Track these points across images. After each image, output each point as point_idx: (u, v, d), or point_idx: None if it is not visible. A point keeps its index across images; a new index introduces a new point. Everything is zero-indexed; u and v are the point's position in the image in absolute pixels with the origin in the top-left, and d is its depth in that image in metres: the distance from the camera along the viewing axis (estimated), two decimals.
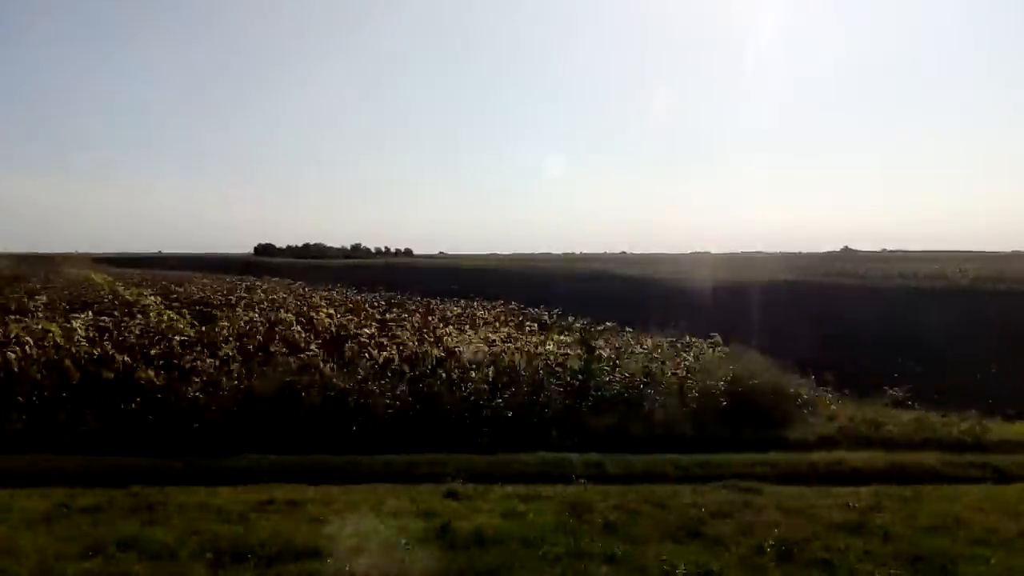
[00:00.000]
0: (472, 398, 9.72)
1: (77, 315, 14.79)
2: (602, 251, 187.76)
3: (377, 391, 9.54)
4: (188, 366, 10.22)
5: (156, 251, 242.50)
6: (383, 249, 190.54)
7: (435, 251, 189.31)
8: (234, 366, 10.45)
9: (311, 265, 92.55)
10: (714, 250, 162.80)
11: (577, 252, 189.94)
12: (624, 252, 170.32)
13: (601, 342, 12.67)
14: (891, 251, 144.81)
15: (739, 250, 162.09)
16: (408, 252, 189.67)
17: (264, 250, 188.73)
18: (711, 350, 12.64)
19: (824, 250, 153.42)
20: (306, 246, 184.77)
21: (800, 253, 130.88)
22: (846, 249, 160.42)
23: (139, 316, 16.16)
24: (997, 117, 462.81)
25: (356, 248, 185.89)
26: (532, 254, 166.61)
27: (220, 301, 23.48)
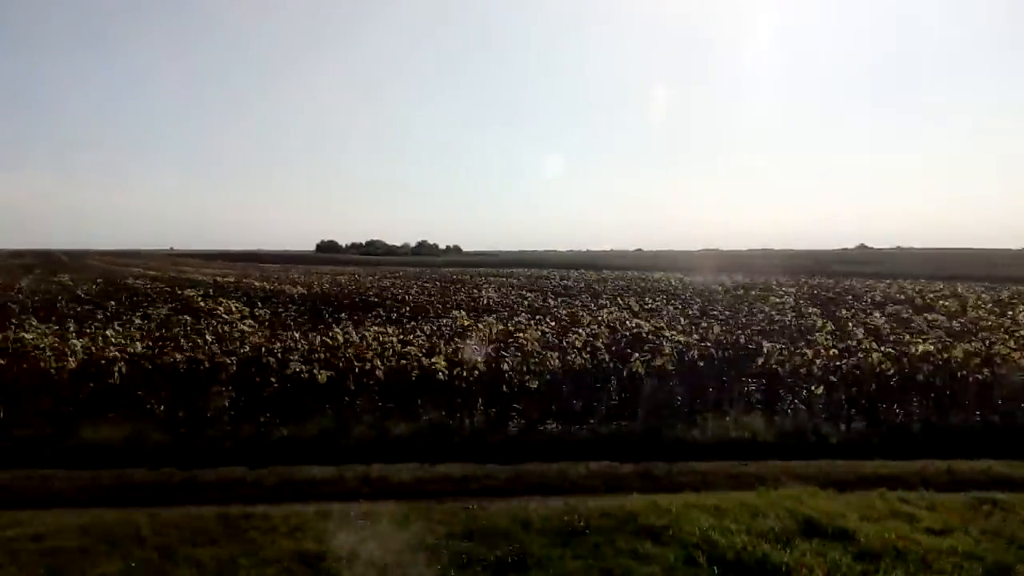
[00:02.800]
0: None
1: None
2: (609, 248, 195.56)
3: None
4: None
5: (168, 247, 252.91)
6: (434, 245, 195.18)
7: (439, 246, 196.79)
8: None
9: (452, 262, 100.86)
10: (722, 247, 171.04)
11: (584, 249, 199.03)
12: (640, 249, 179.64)
13: None
14: (904, 248, 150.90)
15: (746, 247, 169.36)
16: (457, 249, 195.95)
17: (328, 247, 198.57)
18: None
19: (838, 247, 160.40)
20: (370, 243, 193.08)
21: (814, 250, 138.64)
22: (861, 246, 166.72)
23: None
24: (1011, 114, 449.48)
25: (422, 245, 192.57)
26: (539, 251, 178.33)
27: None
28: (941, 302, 24.81)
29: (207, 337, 12.60)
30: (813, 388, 11.13)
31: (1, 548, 6.04)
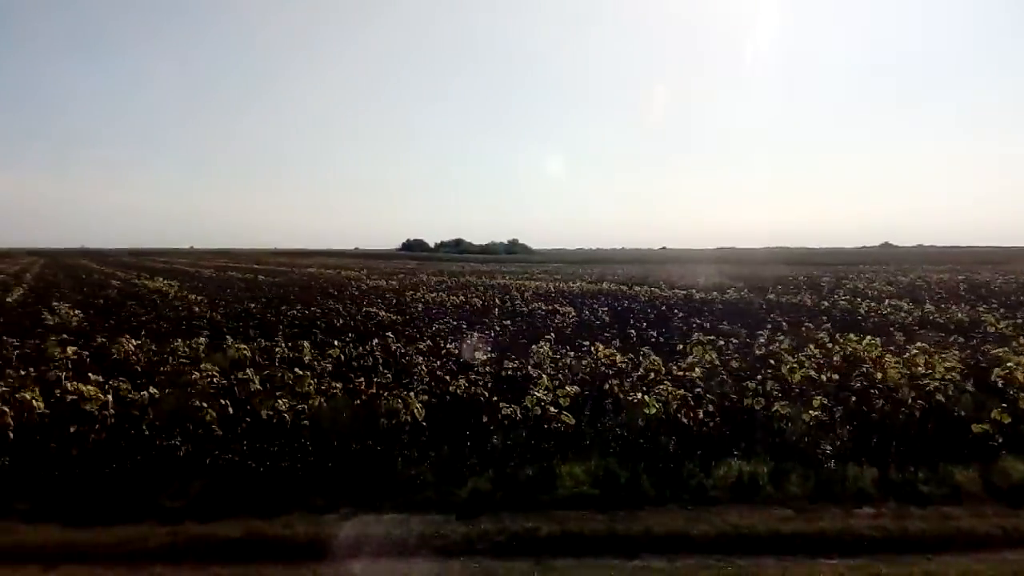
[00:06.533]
0: None
1: None
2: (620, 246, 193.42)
3: None
4: None
5: (188, 246, 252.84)
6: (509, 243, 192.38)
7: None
8: None
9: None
10: (737, 245, 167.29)
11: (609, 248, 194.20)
12: (664, 248, 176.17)
13: None
14: (927, 246, 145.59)
15: (762, 246, 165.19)
16: (526, 247, 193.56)
17: (416, 245, 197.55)
18: None
19: (861, 245, 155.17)
20: (457, 242, 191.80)
21: (840, 249, 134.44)
22: (886, 244, 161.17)
23: None
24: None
25: (514, 243, 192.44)
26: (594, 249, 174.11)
27: None
28: None
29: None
30: None
31: None
